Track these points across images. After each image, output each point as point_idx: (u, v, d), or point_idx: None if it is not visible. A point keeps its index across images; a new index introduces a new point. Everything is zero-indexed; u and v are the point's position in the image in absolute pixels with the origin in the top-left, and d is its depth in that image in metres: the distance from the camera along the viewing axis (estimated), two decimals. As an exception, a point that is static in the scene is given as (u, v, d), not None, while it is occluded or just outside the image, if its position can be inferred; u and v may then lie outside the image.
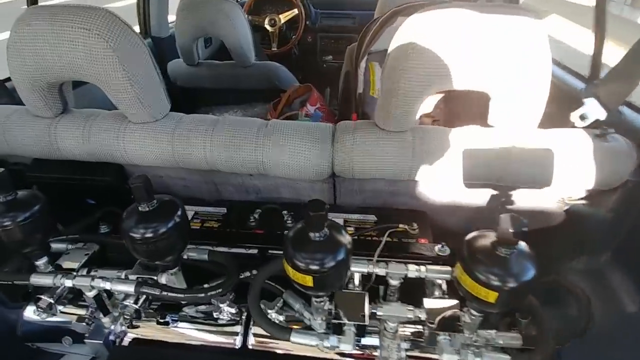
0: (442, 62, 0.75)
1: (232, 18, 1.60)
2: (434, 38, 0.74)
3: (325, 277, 0.64)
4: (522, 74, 0.76)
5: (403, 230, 0.96)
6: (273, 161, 0.89)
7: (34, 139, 0.96)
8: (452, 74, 0.76)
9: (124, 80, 0.84)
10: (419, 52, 0.75)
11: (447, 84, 0.78)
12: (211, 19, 1.59)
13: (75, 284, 0.78)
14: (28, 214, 0.77)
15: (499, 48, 0.74)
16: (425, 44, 0.74)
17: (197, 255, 0.87)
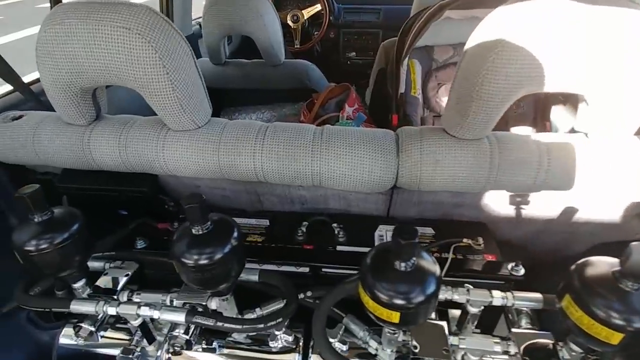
0: (536, 60, 0.65)
1: (263, 14, 1.51)
2: (527, 33, 0.64)
3: (413, 313, 0.55)
4: (629, 74, 0.66)
5: (467, 245, 0.87)
6: (331, 173, 0.80)
7: (66, 149, 0.88)
8: (546, 74, 0.67)
9: (166, 85, 0.76)
10: (508, 50, 0.65)
11: (539, 85, 0.68)
12: (242, 16, 1.50)
13: (119, 312, 0.70)
14: (67, 234, 0.69)
15: (602, 44, 0.64)
16: (517, 40, 0.64)
17: (246, 276, 0.78)
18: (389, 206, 0.97)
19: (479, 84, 0.68)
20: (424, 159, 0.77)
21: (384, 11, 2.65)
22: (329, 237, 0.92)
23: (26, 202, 0.66)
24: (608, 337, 0.52)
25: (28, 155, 0.91)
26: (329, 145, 0.80)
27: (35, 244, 0.67)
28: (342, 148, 0.79)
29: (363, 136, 0.81)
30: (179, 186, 1.02)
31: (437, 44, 1.57)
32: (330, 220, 0.95)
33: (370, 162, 0.78)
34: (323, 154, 0.79)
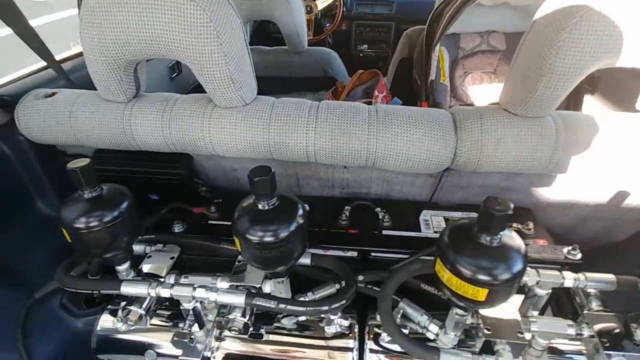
0: (618, 31, 0.62)
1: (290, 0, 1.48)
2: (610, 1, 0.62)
3: (501, 290, 0.53)
4: None
5: (516, 230, 0.84)
6: (387, 152, 0.77)
7: (105, 126, 0.84)
8: (627, 46, 0.64)
9: (219, 57, 0.72)
10: (589, 19, 0.62)
11: (616, 58, 0.66)
12: (269, 0, 1.46)
13: (173, 294, 0.67)
14: (116, 213, 0.66)
15: None
16: (599, 7, 0.62)
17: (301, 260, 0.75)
18: (434, 191, 0.95)
19: (553, 56, 0.65)
20: (484, 137, 0.75)
21: (397, 3, 2.63)
22: (373, 221, 0.89)
23: (78, 176, 0.62)
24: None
25: (63, 134, 0.87)
26: (386, 123, 0.77)
27: (85, 222, 0.64)
28: (400, 126, 0.77)
29: (420, 115, 0.78)
30: (214, 170, 0.99)
31: (464, 32, 1.55)
32: (373, 205, 0.93)
33: (429, 141, 0.76)
34: (380, 132, 0.76)
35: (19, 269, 0.90)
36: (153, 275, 0.75)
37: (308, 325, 0.79)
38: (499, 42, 1.52)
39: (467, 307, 0.59)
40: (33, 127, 0.87)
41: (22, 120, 0.87)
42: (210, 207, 0.93)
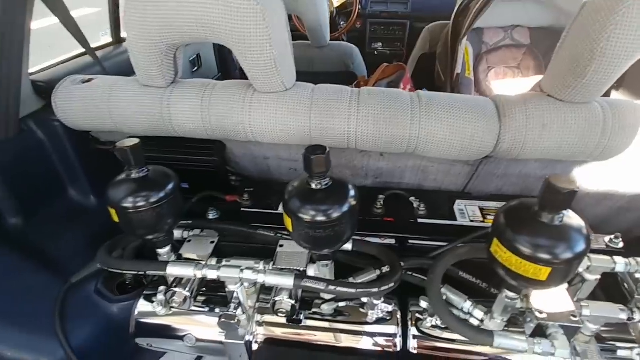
0: None
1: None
2: None
3: (564, 269, 0.52)
4: None
5: None
6: (430, 138, 0.77)
7: (144, 111, 0.84)
8: None
9: (265, 40, 0.72)
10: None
11: None
12: None
13: (220, 276, 0.66)
14: (163, 193, 0.66)
15: None
16: None
17: None
18: (469, 180, 0.94)
19: (605, 39, 0.65)
20: (530, 123, 0.74)
21: (412, 2, 2.63)
22: (408, 210, 0.89)
23: (128, 156, 0.62)
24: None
25: (100, 119, 0.87)
26: (429, 109, 0.77)
27: (132, 201, 0.64)
28: (443, 112, 0.76)
29: (463, 101, 0.78)
30: (245, 158, 0.99)
31: (488, 27, 1.54)
32: (406, 194, 0.92)
33: (473, 127, 0.75)
34: (423, 117, 0.76)
35: (53, 255, 0.90)
36: (193, 260, 0.75)
37: (348, 312, 0.78)
38: (523, 37, 1.52)
39: (527, 288, 0.58)
40: (70, 112, 0.88)
41: (59, 105, 0.87)
42: (243, 195, 0.93)
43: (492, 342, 0.60)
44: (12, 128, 0.87)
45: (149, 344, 0.82)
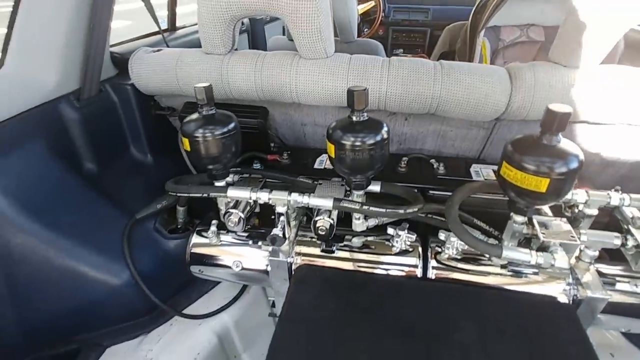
0: None
1: None
2: None
3: (561, 180, 0.63)
4: None
5: None
6: (450, 97, 0.89)
7: (206, 74, 0.99)
8: None
9: (312, 11, 0.87)
10: None
11: None
12: None
13: (271, 198, 0.80)
14: (226, 129, 0.80)
15: None
16: None
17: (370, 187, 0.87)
18: (484, 145, 1.06)
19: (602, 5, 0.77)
20: (537, 84, 0.86)
21: (433, 11, 2.79)
22: (428, 170, 1.01)
23: (203, 94, 0.77)
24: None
25: (168, 82, 1.02)
26: (449, 72, 0.89)
27: (202, 132, 0.78)
28: (461, 74, 0.89)
29: (479, 67, 0.91)
30: (284, 125, 1.13)
31: (505, 25, 1.67)
32: (427, 157, 1.04)
33: (487, 87, 0.88)
34: (444, 79, 0.89)
35: (119, 197, 1.05)
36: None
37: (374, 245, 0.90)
38: (538, 35, 1.64)
39: (530, 203, 0.68)
40: (143, 75, 1.04)
41: (134, 69, 1.03)
42: (283, 155, 1.06)
43: (500, 253, 0.70)
44: (95, 88, 1.04)
45: (201, 271, 0.95)
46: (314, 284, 0.79)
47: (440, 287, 0.79)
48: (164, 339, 0.96)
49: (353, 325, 0.71)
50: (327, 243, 0.89)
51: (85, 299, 0.93)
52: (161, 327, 0.99)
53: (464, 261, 0.85)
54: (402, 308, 0.74)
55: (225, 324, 1.02)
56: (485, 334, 0.69)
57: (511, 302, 0.76)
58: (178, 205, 1.05)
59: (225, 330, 1.02)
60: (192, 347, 0.95)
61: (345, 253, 0.89)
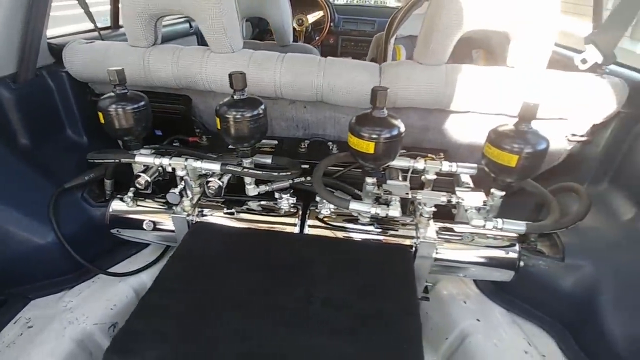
0: (474, 4, 0.96)
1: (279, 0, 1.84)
2: None
3: (385, 145, 0.82)
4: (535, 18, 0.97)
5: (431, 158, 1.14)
6: (331, 86, 1.08)
7: (129, 65, 1.15)
8: (481, 13, 0.97)
9: (217, 12, 1.04)
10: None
11: (477, 22, 0.99)
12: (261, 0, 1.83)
13: (171, 163, 0.96)
14: (135, 105, 0.96)
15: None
16: None
17: (262, 160, 1.05)
18: None
19: (439, 17, 0.98)
20: (399, 78, 1.06)
21: (378, 22, 3.04)
22: (324, 149, 1.19)
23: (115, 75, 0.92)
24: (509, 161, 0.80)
25: (98, 71, 1.17)
26: (331, 66, 1.09)
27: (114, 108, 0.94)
28: (340, 68, 1.08)
29: (355, 63, 1.11)
30: (206, 112, 1.29)
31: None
32: (326, 140, 1.23)
33: (361, 78, 1.07)
34: (327, 71, 1.08)
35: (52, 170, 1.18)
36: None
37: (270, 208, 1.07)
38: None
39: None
40: (75, 64, 1.18)
41: (67, 57, 1.18)
42: (202, 137, 1.23)
43: (347, 205, 0.89)
44: (30, 73, 1.17)
45: (119, 232, 1.10)
46: (206, 234, 0.95)
47: (308, 238, 0.97)
48: (84, 293, 1.10)
49: (231, 262, 0.87)
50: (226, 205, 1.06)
51: (12, 256, 1.05)
52: (84, 283, 1.13)
53: (336, 220, 1.03)
54: (274, 252, 0.91)
55: (143, 282, 1.16)
56: (333, 269, 0.86)
57: (363, 247, 0.94)
58: (105, 178, 1.19)
59: (142, 287, 1.16)
60: (110, 299, 1.09)
61: (240, 214, 1.05)
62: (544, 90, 1.04)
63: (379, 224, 1.01)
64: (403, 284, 0.84)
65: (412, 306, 0.78)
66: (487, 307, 1.09)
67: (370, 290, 0.81)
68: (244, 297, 0.78)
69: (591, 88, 1.03)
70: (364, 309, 0.77)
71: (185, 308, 0.75)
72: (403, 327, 0.74)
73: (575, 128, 1.12)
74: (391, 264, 0.89)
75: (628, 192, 1.03)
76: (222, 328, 0.72)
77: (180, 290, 0.80)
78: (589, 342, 0.95)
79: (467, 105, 1.08)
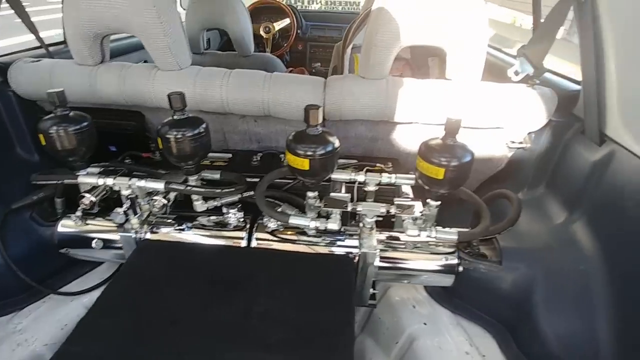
0: (408, 20, 1.00)
1: (237, 11, 1.86)
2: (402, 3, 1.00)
3: (318, 163, 0.85)
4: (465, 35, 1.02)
5: (380, 168, 1.18)
6: (276, 101, 1.10)
7: (77, 84, 1.15)
8: (415, 30, 1.02)
9: (160, 31, 1.06)
10: (391, 12, 1.00)
11: (413, 38, 1.03)
12: (219, 11, 1.84)
13: (115, 183, 0.96)
14: (79, 126, 0.96)
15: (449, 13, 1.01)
16: (395, 7, 0.99)
17: (211, 175, 1.06)
18: None
19: (375, 35, 1.02)
20: (344, 92, 1.10)
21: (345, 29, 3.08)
22: (276, 162, 1.22)
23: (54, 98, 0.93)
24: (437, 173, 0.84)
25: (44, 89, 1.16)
26: (275, 82, 1.11)
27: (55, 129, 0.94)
28: (285, 83, 1.11)
29: (300, 77, 1.14)
30: None
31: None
32: (278, 153, 1.26)
33: (304, 93, 1.10)
34: (272, 87, 1.10)
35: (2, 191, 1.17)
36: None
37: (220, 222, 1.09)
38: (405, 52, 1.92)
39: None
40: (21, 83, 1.17)
41: (13, 76, 1.17)
42: (155, 153, 1.24)
43: (287, 219, 0.92)
44: None
45: (68, 251, 1.09)
46: (152, 252, 0.97)
47: (253, 252, 0.99)
48: (34, 314, 1.09)
49: (174, 279, 0.89)
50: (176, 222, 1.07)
51: None
52: (34, 304, 1.12)
53: (284, 232, 1.05)
54: (218, 268, 0.93)
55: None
56: (274, 282, 0.89)
57: (306, 259, 0.97)
58: (56, 197, 1.19)
59: None
60: (61, 320, 1.08)
61: (189, 230, 1.07)
62: (480, 101, 1.09)
63: (326, 235, 1.04)
64: (341, 294, 0.87)
65: (347, 315, 0.81)
66: (435, 310, 1.13)
67: (309, 302, 0.84)
68: (183, 314, 0.80)
69: (523, 98, 1.08)
70: (301, 321, 0.80)
71: (123, 329, 0.76)
72: (337, 337, 0.77)
73: (513, 136, 1.18)
74: (332, 274, 0.92)
75: (561, 197, 1.08)
76: (158, 347, 0.73)
77: (120, 310, 0.81)
78: (525, 340, 1.00)
79: (409, 116, 1.12)
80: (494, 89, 1.10)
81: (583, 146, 1.02)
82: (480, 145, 1.22)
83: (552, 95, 1.09)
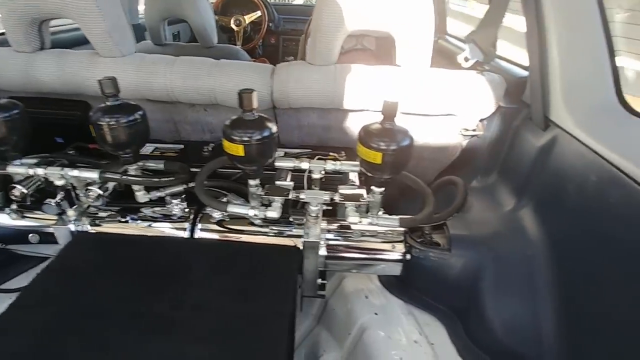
0: (352, 5, 0.98)
1: (197, 1, 1.81)
2: None
3: (254, 149, 0.82)
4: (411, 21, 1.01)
5: (333, 157, 1.16)
6: (222, 89, 1.07)
7: (15, 72, 1.10)
8: (360, 15, 1.00)
9: (97, 15, 1.01)
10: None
11: (358, 23, 1.01)
12: (178, 1, 1.79)
13: (47, 173, 0.92)
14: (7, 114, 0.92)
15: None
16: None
17: (155, 165, 1.03)
18: None
19: (321, 20, 1.00)
20: (290, 79, 1.07)
21: None
22: None
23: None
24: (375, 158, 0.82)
25: None
26: (222, 69, 1.08)
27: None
28: (231, 70, 1.08)
29: (247, 64, 1.11)
30: None
31: (342, 34, 1.93)
32: None
33: (251, 80, 1.07)
34: (218, 74, 1.07)
35: None
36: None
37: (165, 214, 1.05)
38: (370, 43, 1.91)
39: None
40: None
41: None
42: None
43: (225, 207, 0.89)
44: None
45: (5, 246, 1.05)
46: (87, 245, 0.93)
47: (194, 243, 0.96)
48: None
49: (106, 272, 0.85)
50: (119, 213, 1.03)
51: None
52: None
53: (230, 223, 1.02)
54: (155, 259, 0.89)
55: None
56: (212, 273, 0.86)
57: (249, 249, 0.94)
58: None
59: None
60: None
61: (131, 222, 1.03)
62: (430, 87, 1.08)
63: (273, 225, 1.02)
64: (281, 284, 0.85)
65: (284, 307, 0.79)
66: (387, 300, 1.12)
67: (246, 293, 0.82)
68: (111, 307, 0.76)
69: (473, 85, 1.08)
70: (235, 312, 0.77)
71: (45, 324, 0.73)
72: (270, 328, 0.74)
73: (465, 123, 1.17)
74: (274, 264, 0.90)
75: (511, 183, 1.08)
76: (81, 341, 0.70)
77: (43, 304, 0.77)
78: (473, 326, 0.99)
79: (360, 103, 1.11)
80: (443, 75, 1.09)
81: (530, 132, 1.01)
82: (434, 133, 1.21)
83: (501, 82, 1.08)
